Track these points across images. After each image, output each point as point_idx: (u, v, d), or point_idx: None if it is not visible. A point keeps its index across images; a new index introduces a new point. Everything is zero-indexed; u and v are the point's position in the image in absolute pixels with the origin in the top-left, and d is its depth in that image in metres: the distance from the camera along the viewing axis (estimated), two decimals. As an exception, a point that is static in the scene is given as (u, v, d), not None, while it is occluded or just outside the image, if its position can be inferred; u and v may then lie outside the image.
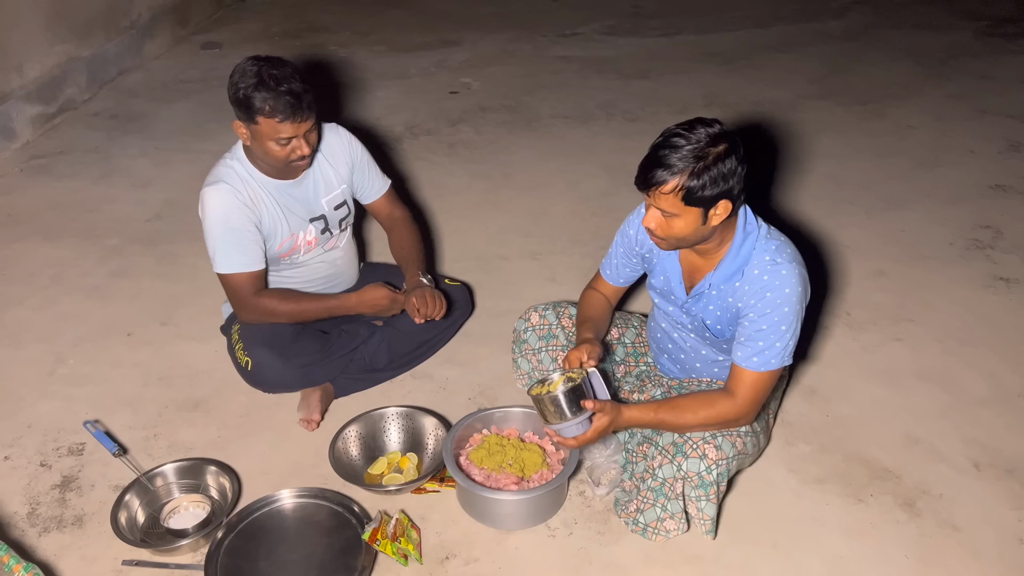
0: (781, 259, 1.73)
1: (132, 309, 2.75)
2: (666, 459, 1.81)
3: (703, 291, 1.84)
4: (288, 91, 1.92)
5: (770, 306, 1.71)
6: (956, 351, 2.54)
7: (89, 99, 4.35)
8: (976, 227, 3.20)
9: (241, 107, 1.96)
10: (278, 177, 2.14)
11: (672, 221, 1.68)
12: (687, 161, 1.60)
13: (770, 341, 1.72)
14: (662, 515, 1.85)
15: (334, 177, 2.24)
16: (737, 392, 1.77)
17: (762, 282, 1.73)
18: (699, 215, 1.66)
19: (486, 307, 2.77)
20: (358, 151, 2.29)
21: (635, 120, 4.20)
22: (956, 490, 2.06)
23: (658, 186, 1.63)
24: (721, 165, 1.61)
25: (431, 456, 2.13)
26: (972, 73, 4.70)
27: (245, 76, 1.95)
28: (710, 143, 1.61)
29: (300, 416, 2.22)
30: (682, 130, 1.63)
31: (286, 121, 1.94)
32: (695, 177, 1.60)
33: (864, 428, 2.25)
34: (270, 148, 1.99)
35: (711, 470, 1.78)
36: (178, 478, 2.02)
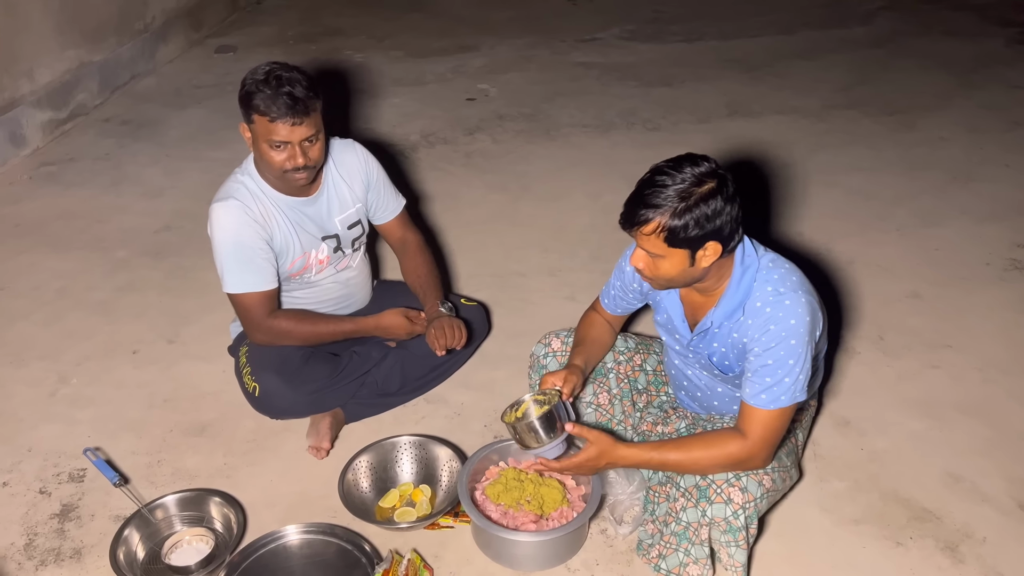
0: (784, 288, 1.64)
1: (139, 326, 2.67)
2: (690, 503, 1.70)
3: (708, 329, 1.75)
4: (288, 93, 1.84)
5: (775, 339, 1.61)
6: (998, 380, 2.42)
7: (100, 104, 4.29)
8: (1014, 246, 3.07)
9: (243, 105, 1.91)
10: (290, 194, 2.05)
11: (658, 262, 1.61)
12: (670, 201, 1.53)
13: (778, 377, 1.61)
14: (685, 560, 1.74)
15: (349, 196, 2.15)
16: (748, 431, 1.65)
17: (765, 315, 1.63)
18: (685, 256, 1.59)
19: (503, 327, 2.67)
20: (374, 170, 2.20)
21: (656, 129, 4.09)
22: (1001, 534, 1.94)
23: (639, 226, 1.56)
24: (704, 206, 1.53)
25: (445, 489, 2.04)
26: (1004, 82, 4.55)
27: (254, 74, 1.89)
28: (695, 183, 1.53)
29: (309, 443, 2.13)
30: (668, 167, 1.56)
31: (278, 121, 1.85)
32: (677, 217, 1.53)
33: (901, 464, 2.13)
34: (265, 151, 1.91)
35: (738, 515, 1.66)
36: (180, 510, 1.94)
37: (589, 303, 2.74)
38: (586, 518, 1.83)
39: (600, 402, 2.03)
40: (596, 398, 2.03)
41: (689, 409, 2.01)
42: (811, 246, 3.02)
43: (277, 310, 2.09)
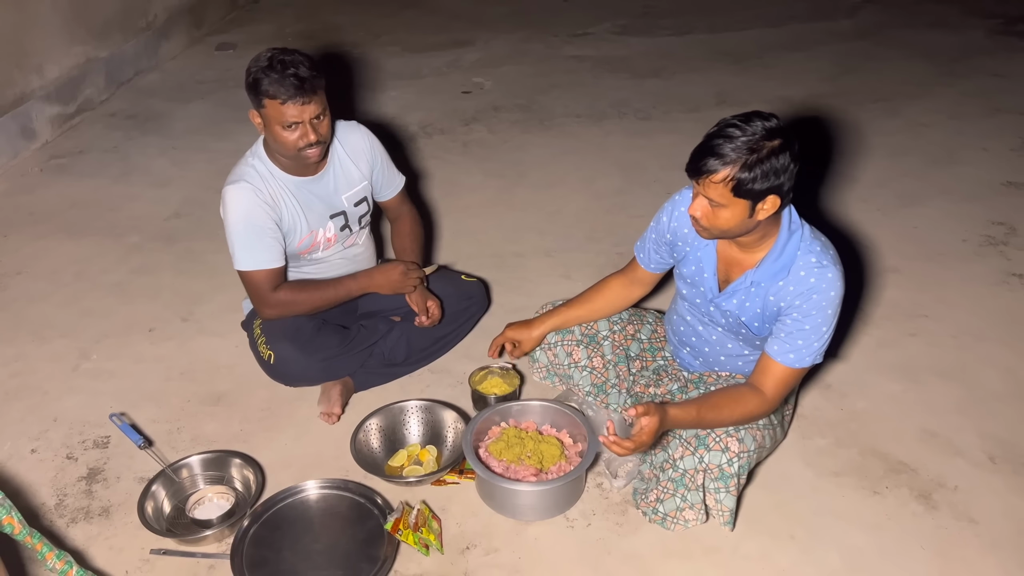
0: (827, 261, 1.75)
1: (154, 306, 2.79)
2: (688, 451, 1.83)
3: (741, 287, 1.84)
4: (294, 74, 1.95)
5: (815, 307, 1.73)
6: (971, 347, 2.55)
7: (107, 99, 4.40)
8: (990, 224, 3.21)
9: (251, 92, 2.01)
10: (298, 174, 2.17)
11: (719, 211, 1.67)
12: (740, 152, 1.59)
13: (809, 340, 1.75)
14: (681, 505, 1.87)
15: (356, 174, 2.27)
16: (766, 387, 1.80)
17: (808, 284, 1.74)
18: (746, 207, 1.65)
19: (502, 303, 2.79)
20: (378, 149, 2.32)
21: (648, 119, 4.21)
22: (972, 483, 2.07)
23: (709, 175, 1.62)
24: (774, 160, 1.59)
25: (450, 449, 2.16)
26: (985, 71, 4.69)
27: (257, 62, 2.00)
28: (765, 136, 1.59)
29: (321, 410, 2.25)
30: (738, 121, 1.62)
31: (289, 102, 1.96)
32: (747, 169, 1.59)
33: (880, 422, 2.26)
34: (278, 134, 2.01)
35: (732, 463, 1.80)
36: (203, 470, 2.05)
37: (583, 281, 2.87)
38: (582, 470, 1.96)
39: (594, 365, 2.16)
40: (590, 361, 2.16)
41: (688, 368, 2.13)
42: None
43: (281, 284, 2.20)
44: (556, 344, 2.20)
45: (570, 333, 2.19)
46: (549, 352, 2.23)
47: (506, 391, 2.27)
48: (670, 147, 3.77)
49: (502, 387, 2.29)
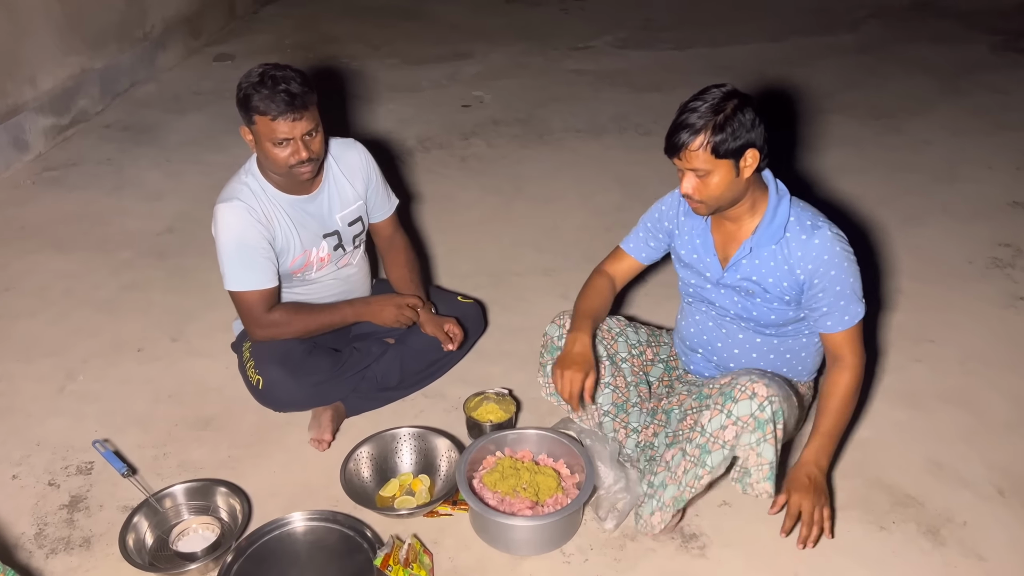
0: (821, 222, 1.83)
1: (143, 324, 2.73)
2: (715, 411, 1.79)
3: (742, 258, 1.87)
4: (285, 90, 1.91)
5: (834, 267, 1.79)
6: (979, 372, 2.49)
7: (102, 111, 4.35)
8: (996, 245, 3.15)
9: (242, 108, 1.97)
10: (292, 192, 2.12)
11: (707, 180, 1.73)
12: (707, 117, 1.68)
13: (849, 297, 1.82)
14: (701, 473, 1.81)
15: (351, 193, 2.22)
16: (846, 357, 1.86)
17: (814, 246, 1.80)
18: (731, 167, 1.72)
19: (499, 324, 2.74)
20: (374, 167, 2.27)
21: (648, 134, 4.17)
22: (981, 517, 2.01)
23: (686, 147, 1.70)
24: (740, 115, 1.68)
25: (444, 478, 2.10)
26: (989, 88, 4.65)
27: (248, 77, 1.96)
28: (724, 98, 1.70)
29: (311, 436, 2.19)
30: (695, 96, 1.72)
31: (279, 118, 1.91)
32: (719, 130, 1.68)
33: (885, 452, 2.21)
34: (269, 151, 1.97)
35: (764, 407, 1.74)
36: (187, 499, 1.99)
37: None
38: (580, 504, 1.90)
39: (617, 384, 2.09)
40: (614, 380, 2.08)
41: (700, 374, 2.11)
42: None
43: (274, 306, 2.15)
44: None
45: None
46: None
47: (502, 418, 2.21)
48: (670, 163, 3.70)
49: (498, 414, 2.23)
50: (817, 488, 1.82)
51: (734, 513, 2.03)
